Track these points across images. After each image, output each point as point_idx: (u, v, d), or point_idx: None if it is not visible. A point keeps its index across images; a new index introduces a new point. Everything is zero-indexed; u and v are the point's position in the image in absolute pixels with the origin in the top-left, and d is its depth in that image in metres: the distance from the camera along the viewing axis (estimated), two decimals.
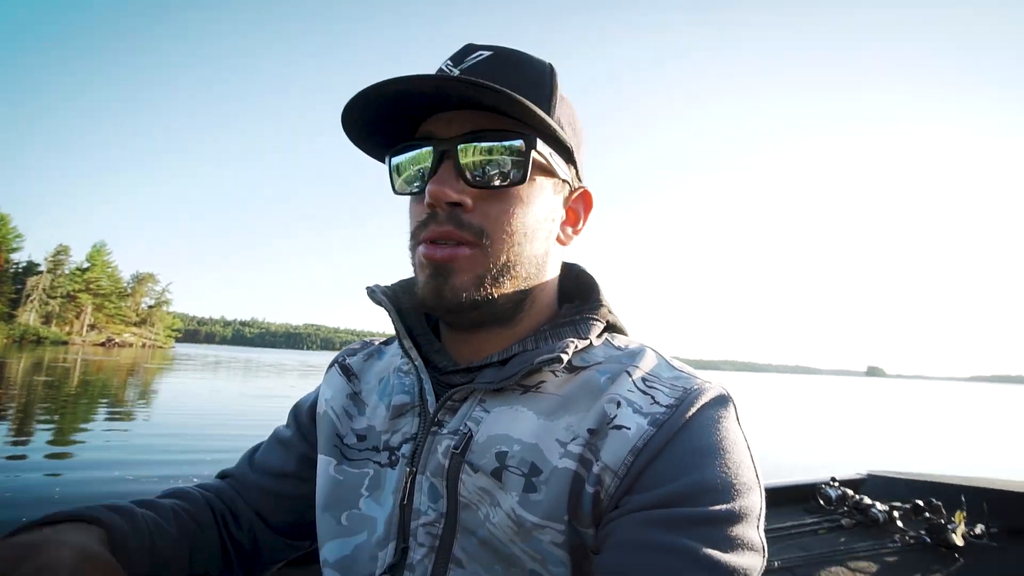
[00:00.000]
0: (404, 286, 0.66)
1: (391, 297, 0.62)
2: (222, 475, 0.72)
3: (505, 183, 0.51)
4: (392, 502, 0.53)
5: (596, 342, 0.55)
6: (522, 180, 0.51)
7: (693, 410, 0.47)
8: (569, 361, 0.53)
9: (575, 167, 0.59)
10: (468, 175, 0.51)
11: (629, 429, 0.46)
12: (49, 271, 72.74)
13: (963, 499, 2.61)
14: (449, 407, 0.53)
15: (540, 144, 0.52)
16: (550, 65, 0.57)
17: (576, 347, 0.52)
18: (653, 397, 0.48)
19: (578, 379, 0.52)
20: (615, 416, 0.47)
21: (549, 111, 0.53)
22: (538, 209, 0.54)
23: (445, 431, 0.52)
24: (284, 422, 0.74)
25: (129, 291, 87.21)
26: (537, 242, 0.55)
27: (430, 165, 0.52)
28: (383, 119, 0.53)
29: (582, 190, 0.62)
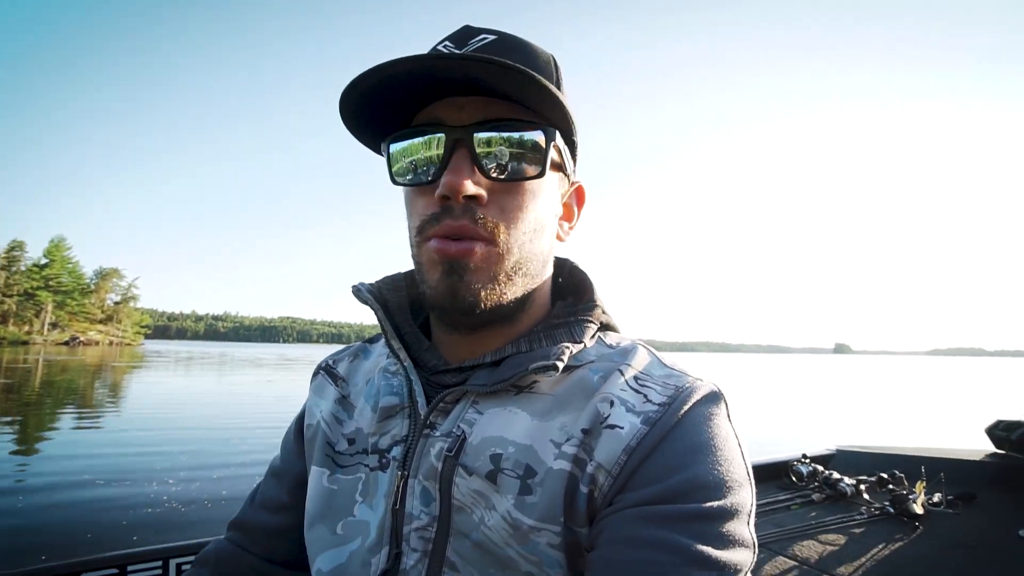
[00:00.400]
0: (390, 283, 0.64)
1: (376, 295, 0.60)
2: (231, 525, 0.70)
3: (523, 177, 0.49)
4: (384, 507, 0.52)
5: (589, 343, 0.54)
6: (541, 174, 0.49)
7: (685, 408, 0.46)
8: None
9: (575, 161, 0.57)
10: (484, 166, 0.48)
11: (622, 428, 0.46)
12: (3, 268, 69.12)
13: (923, 470, 2.78)
14: (441, 409, 0.52)
15: (558, 137, 0.51)
16: (552, 55, 0.55)
17: (571, 352, 0.51)
18: (646, 395, 0.48)
19: (571, 378, 0.51)
20: (608, 415, 0.47)
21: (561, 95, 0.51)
22: (548, 204, 0.53)
23: (437, 433, 0.51)
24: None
25: (93, 287, 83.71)
26: (544, 239, 0.54)
27: (442, 154, 0.48)
28: (378, 104, 0.49)
29: (577, 184, 0.60)
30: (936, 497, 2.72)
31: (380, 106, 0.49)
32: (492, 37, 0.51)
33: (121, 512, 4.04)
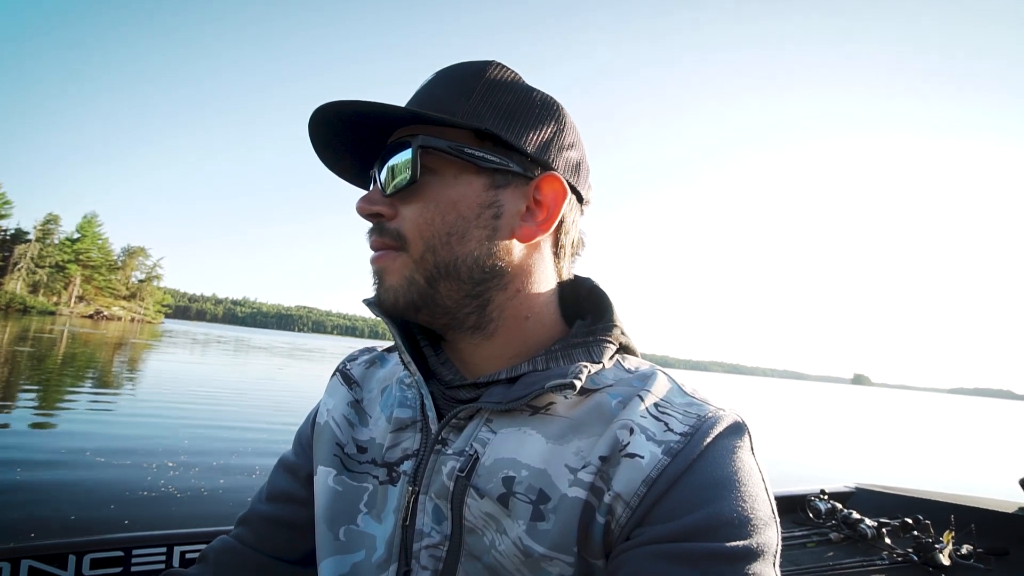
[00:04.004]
0: None
1: None
2: (238, 522, 0.68)
3: (400, 187, 0.52)
4: (393, 521, 0.51)
5: (607, 364, 0.53)
6: (412, 180, 0.50)
7: (708, 440, 0.45)
8: None
9: (523, 154, 0.52)
10: (381, 186, 0.53)
11: (642, 458, 0.44)
12: (38, 240, 71.64)
13: (951, 518, 2.60)
14: (454, 425, 0.52)
15: (436, 140, 0.50)
16: (485, 62, 0.54)
17: (589, 371, 0.49)
18: (667, 424, 0.46)
19: (589, 402, 0.50)
20: (627, 443, 0.45)
21: (459, 102, 0.51)
22: (457, 205, 0.51)
23: (450, 451, 0.51)
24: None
25: (119, 264, 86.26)
26: (470, 240, 0.51)
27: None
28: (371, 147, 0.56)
29: (544, 176, 0.53)
30: (965, 549, 2.54)
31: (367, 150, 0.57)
32: (431, 75, 0.55)
33: (115, 493, 3.98)
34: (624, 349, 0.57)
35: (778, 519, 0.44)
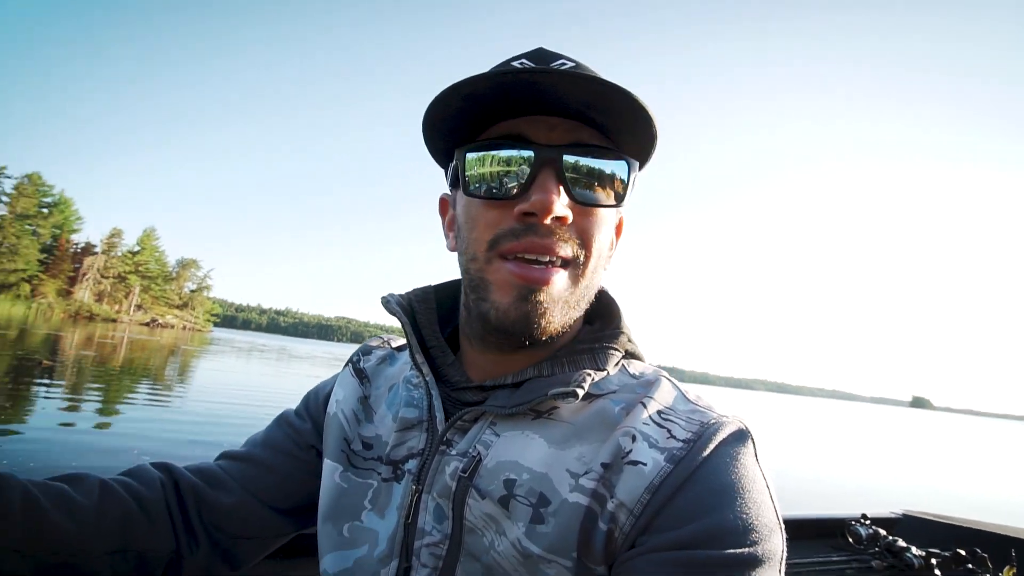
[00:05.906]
0: (420, 295, 0.64)
1: (405, 307, 0.62)
2: (223, 455, 0.71)
3: (605, 204, 0.50)
4: (396, 519, 0.52)
5: (611, 371, 0.53)
6: (620, 203, 0.51)
7: (711, 447, 0.45)
8: None
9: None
10: (572, 189, 0.48)
11: (645, 465, 0.45)
12: (104, 252, 77.09)
13: (1013, 553, 2.40)
14: (459, 427, 0.53)
15: (637, 169, 0.52)
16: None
17: (592, 379, 0.50)
18: (669, 431, 0.47)
19: (592, 407, 0.51)
20: (630, 450, 0.46)
21: None
22: (611, 232, 0.54)
23: (454, 452, 0.51)
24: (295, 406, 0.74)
25: (174, 275, 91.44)
26: (603, 268, 0.55)
27: (528, 171, 0.48)
28: (458, 113, 0.50)
29: (621, 215, 0.61)
30: None
31: (458, 114, 0.50)
32: (571, 64, 0.50)
33: None
34: (630, 356, 0.58)
35: (783, 526, 0.44)
